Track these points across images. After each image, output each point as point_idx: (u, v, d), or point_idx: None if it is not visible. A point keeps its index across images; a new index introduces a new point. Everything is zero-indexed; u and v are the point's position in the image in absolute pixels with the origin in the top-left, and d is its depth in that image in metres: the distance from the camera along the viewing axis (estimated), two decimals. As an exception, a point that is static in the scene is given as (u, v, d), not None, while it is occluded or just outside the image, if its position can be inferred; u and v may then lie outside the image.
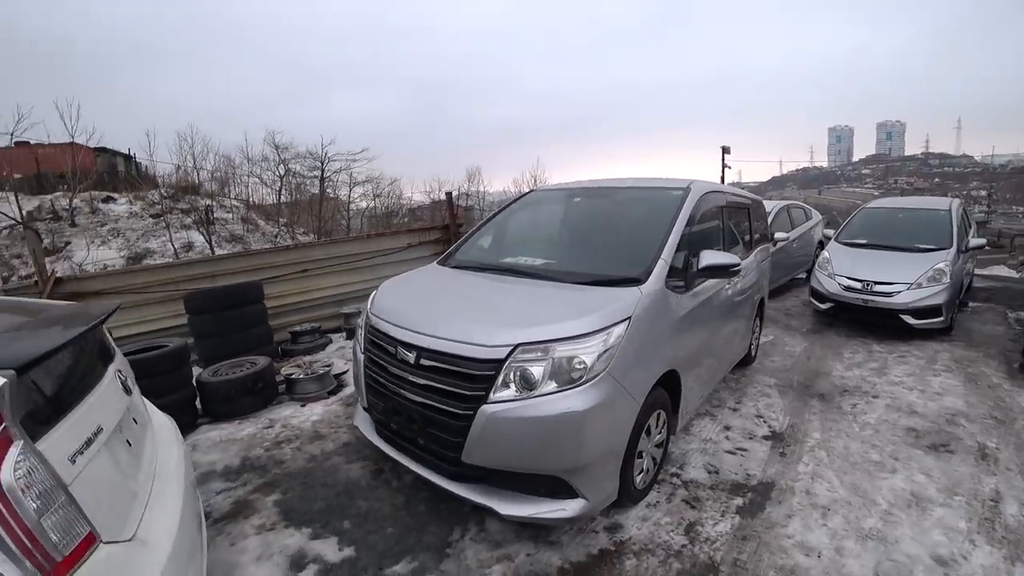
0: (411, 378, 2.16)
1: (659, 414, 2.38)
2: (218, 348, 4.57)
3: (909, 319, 4.85)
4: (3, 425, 1.10)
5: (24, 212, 12.90)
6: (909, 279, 4.90)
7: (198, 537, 1.86)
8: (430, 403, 2.06)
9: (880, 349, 4.82)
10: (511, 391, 1.88)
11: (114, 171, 17.80)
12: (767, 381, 4.13)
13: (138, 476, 1.67)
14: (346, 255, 6.53)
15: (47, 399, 1.35)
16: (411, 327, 2.23)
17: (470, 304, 2.43)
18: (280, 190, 22.92)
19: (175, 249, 14.71)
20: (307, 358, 4.89)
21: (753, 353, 4.47)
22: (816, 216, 8.20)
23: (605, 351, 1.93)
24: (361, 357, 2.57)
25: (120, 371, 1.89)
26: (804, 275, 7.54)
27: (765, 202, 7.38)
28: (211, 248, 14.67)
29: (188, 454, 2.35)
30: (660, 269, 2.34)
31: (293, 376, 4.13)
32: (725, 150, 22.35)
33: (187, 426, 3.59)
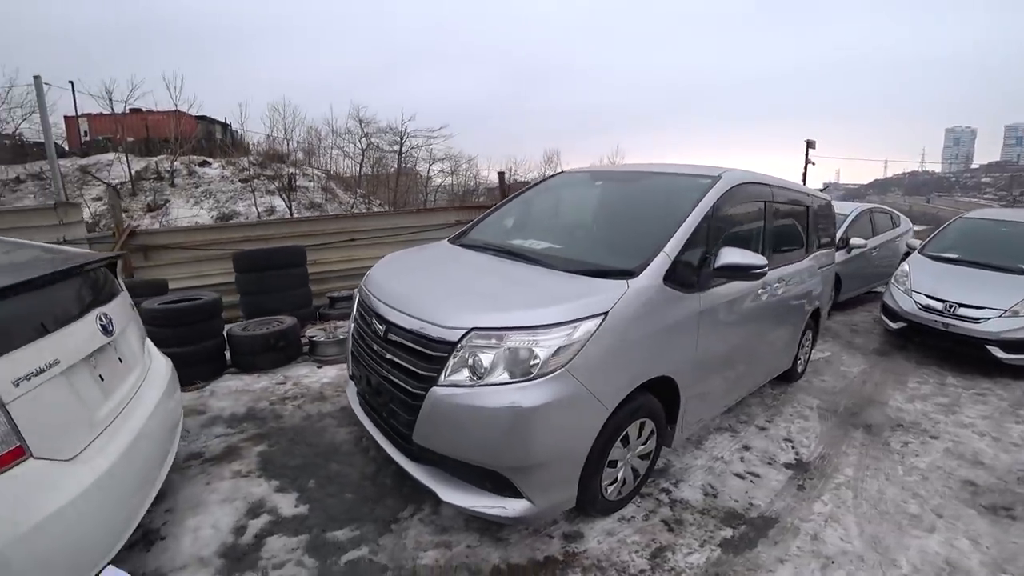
0: (380, 351, 2.14)
1: (643, 423, 2.16)
2: (259, 305, 4.83)
3: (997, 351, 4.09)
4: None
5: (133, 171, 14.51)
6: (1003, 305, 4.11)
7: (155, 472, 1.96)
8: (392, 378, 2.01)
9: (955, 383, 4.12)
10: (463, 376, 1.77)
11: (211, 137, 19.51)
12: (809, 402, 3.68)
13: (103, 407, 1.79)
14: (395, 227, 6.67)
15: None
16: (387, 300, 2.19)
17: (447, 283, 2.32)
18: (361, 162, 23.98)
19: (258, 212, 15.91)
20: (340, 323, 5.05)
21: (800, 369, 4.00)
22: (905, 224, 7.16)
23: (565, 346, 1.74)
24: (352, 326, 2.57)
25: (104, 315, 1.99)
26: (883, 288, 6.66)
27: (843, 203, 6.59)
28: (290, 213, 15.70)
29: (178, 398, 2.49)
30: (659, 264, 2.09)
31: (316, 338, 4.28)
32: (810, 144, 20.23)
33: (214, 373, 3.84)
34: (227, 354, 4.06)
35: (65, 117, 17.80)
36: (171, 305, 3.72)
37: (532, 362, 1.72)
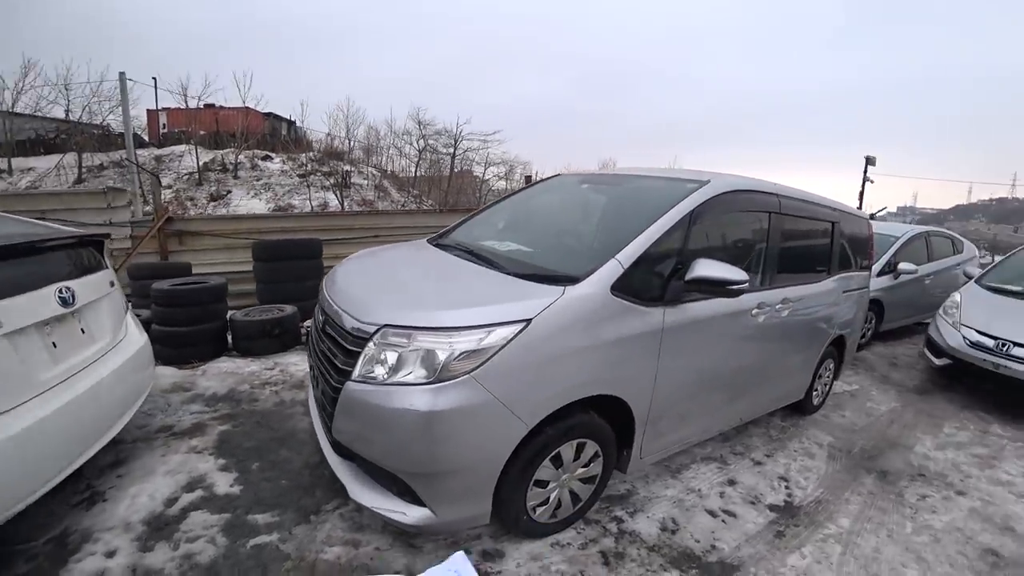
0: (318, 344, 2.12)
1: (582, 444, 1.97)
2: (273, 293, 4.99)
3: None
4: None
5: (201, 163, 15.64)
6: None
7: (95, 435, 2.05)
8: (323, 370, 1.98)
9: (1001, 433, 3.56)
10: (374, 373, 1.69)
11: (276, 134, 20.70)
12: (820, 439, 3.31)
13: (49, 371, 1.89)
14: (417, 226, 6.74)
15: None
16: (331, 294, 2.16)
17: (390, 279, 2.25)
18: (418, 163, 24.61)
19: (312, 206, 16.67)
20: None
21: (816, 401, 3.61)
22: (969, 250, 6.34)
23: (474, 351, 1.61)
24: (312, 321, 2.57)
25: (66, 288, 2.08)
26: (936, 320, 5.96)
27: (896, 225, 5.95)
28: (342, 209, 16.33)
29: (150, 373, 2.62)
30: (607, 271, 1.90)
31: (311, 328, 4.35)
32: (869, 161, 18.57)
33: (213, 354, 3.99)
34: (229, 338, 4.22)
35: (147, 111, 19.56)
36: (177, 287, 3.90)
37: (435, 365, 1.60)
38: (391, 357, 1.65)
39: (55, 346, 1.98)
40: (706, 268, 2.01)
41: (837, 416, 3.68)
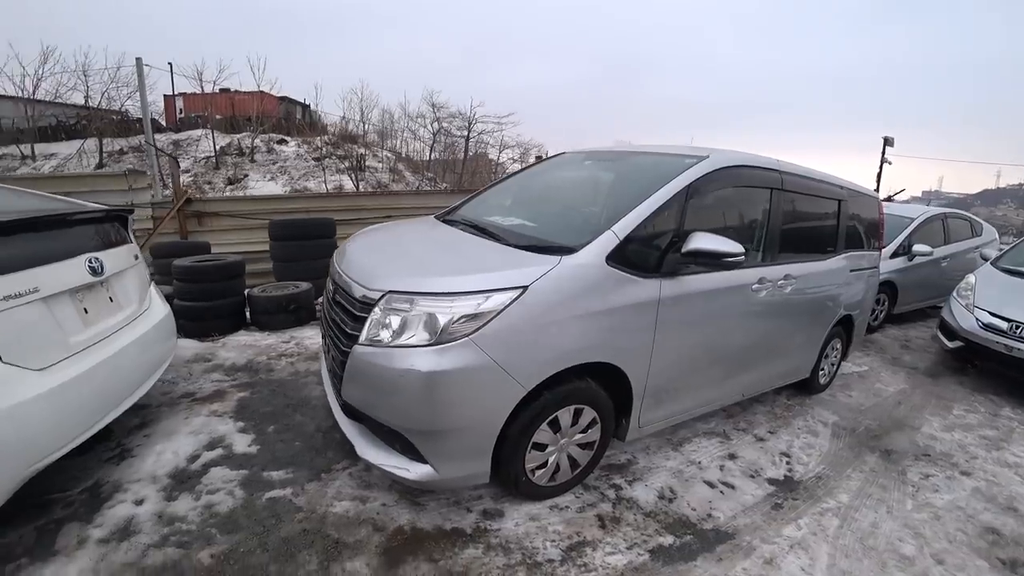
0: (329, 312, 2.22)
1: (579, 410, 2.03)
2: (288, 271, 5.13)
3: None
4: None
5: (217, 147, 15.87)
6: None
7: (121, 395, 2.19)
8: (333, 337, 2.07)
9: (1011, 415, 3.52)
10: (379, 336, 1.77)
11: (291, 117, 20.87)
12: (825, 417, 3.32)
13: (81, 334, 2.02)
14: (433, 206, 6.80)
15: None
16: (341, 265, 2.24)
17: (396, 251, 2.31)
18: (432, 146, 24.62)
19: (327, 189, 16.85)
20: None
21: (823, 380, 3.61)
22: (989, 233, 6.16)
23: (473, 315, 1.68)
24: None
25: (95, 258, 2.20)
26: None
27: (911, 206, 5.81)
28: (356, 191, 16.46)
29: (172, 343, 2.76)
30: (603, 242, 1.94)
31: (326, 305, 4.47)
32: (887, 142, 17.92)
33: (232, 328, 4.14)
34: (247, 313, 4.36)
35: (164, 96, 19.88)
36: (196, 264, 4.04)
37: (436, 328, 1.68)
38: (395, 321, 1.73)
39: (86, 312, 2.11)
40: (702, 241, 2.04)
41: (844, 396, 3.68)
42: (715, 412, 3.14)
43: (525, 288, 1.74)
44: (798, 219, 2.98)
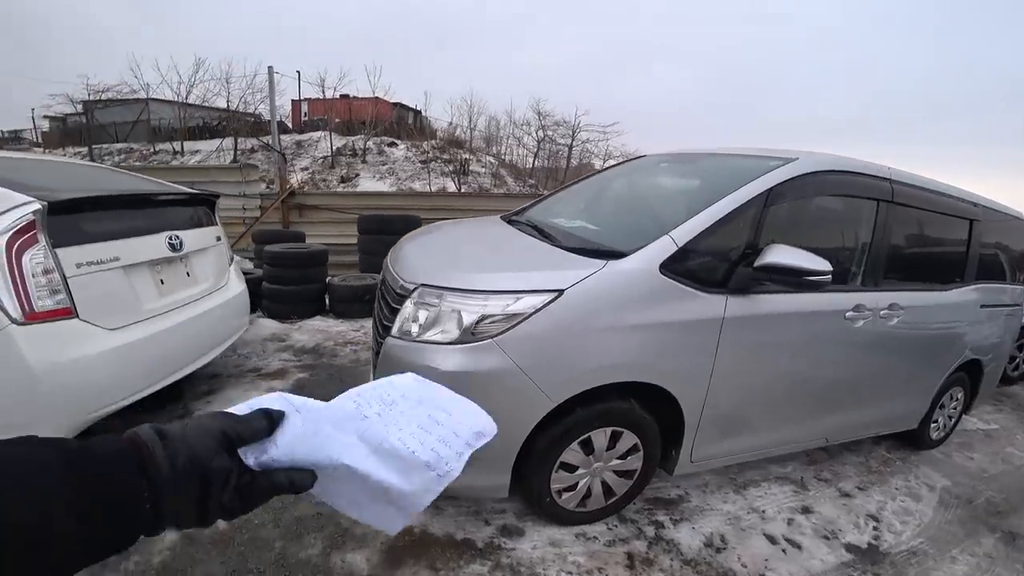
0: (376, 306, 2.25)
1: (617, 433, 1.86)
2: (371, 263, 5.44)
3: None
4: (35, 232, 1.72)
5: (334, 148, 17.41)
6: None
7: (184, 359, 2.40)
8: (375, 328, 2.11)
9: None
10: (409, 330, 1.75)
11: (403, 122, 22.31)
12: (933, 480, 2.79)
13: (155, 302, 2.26)
14: (509, 208, 6.87)
15: (78, 229, 1.94)
16: (391, 259, 2.28)
17: (445, 247, 2.30)
18: (536, 153, 24.98)
19: (430, 191, 17.74)
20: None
21: (935, 435, 3.04)
22: None
23: (500, 316, 1.59)
24: None
25: (175, 236, 2.45)
26: None
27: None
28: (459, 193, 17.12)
29: (243, 320, 3.00)
30: (658, 248, 1.76)
31: (397, 298, 4.65)
32: None
33: (312, 313, 4.45)
34: (327, 300, 4.67)
35: (292, 101, 22.31)
36: (284, 251, 4.40)
37: (461, 326, 1.62)
38: (423, 315, 1.70)
39: (163, 283, 2.36)
40: (780, 254, 1.78)
41: (962, 457, 3.06)
42: (794, 455, 2.76)
43: (560, 292, 1.62)
44: (913, 239, 2.53)
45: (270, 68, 11.54)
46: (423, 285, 1.74)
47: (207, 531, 1.81)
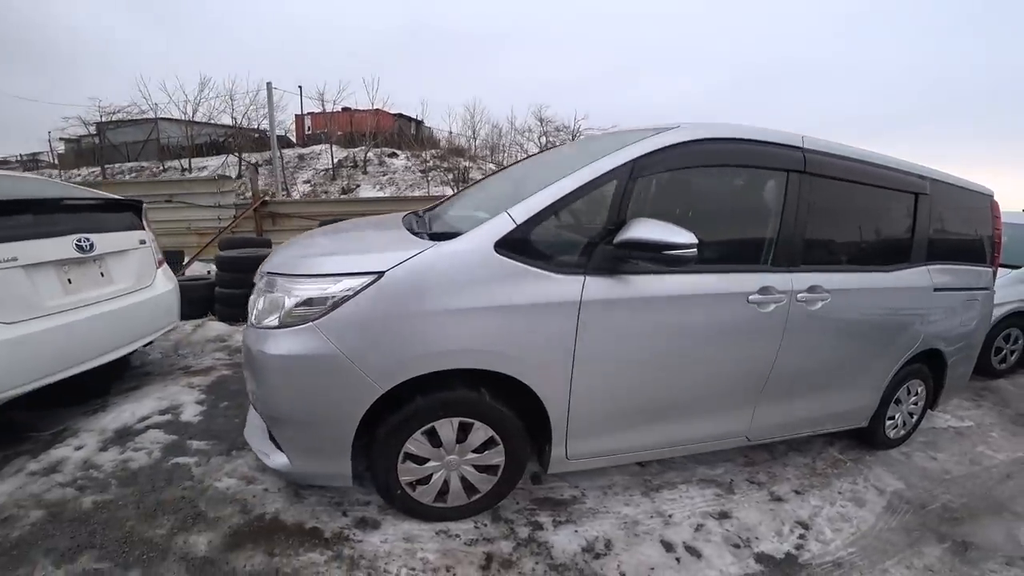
0: None
1: (468, 424, 1.71)
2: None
3: None
4: None
5: (335, 160, 17.73)
6: None
7: (85, 355, 2.38)
8: None
9: None
10: (252, 317, 1.71)
11: (403, 133, 22.60)
12: (884, 482, 2.52)
13: (58, 300, 2.26)
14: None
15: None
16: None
17: (314, 241, 2.17)
18: None
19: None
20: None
21: (892, 433, 2.77)
22: None
23: (318, 299, 1.54)
24: None
25: (86, 239, 2.46)
26: None
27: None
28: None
29: (170, 320, 3.02)
30: (493, 227, 1.63)
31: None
32: None
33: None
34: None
35: (295, 115, 22.89)
36: (234, 256, 4.40)
37: (283, 309, 1.58)
38: (262, 302, 1.67)
39: (70, 282, 2.36)
40: (639, 228, 1.62)
41: (924, 457, 2.78)
42: (728, 456, 2.54)
43: (380, 274, 1.52)
44: (840, 216, 2.31)
45: (269, 84, 11.83)
46: (268, 273, 1.72)
47: (70, 509, 1.82)
